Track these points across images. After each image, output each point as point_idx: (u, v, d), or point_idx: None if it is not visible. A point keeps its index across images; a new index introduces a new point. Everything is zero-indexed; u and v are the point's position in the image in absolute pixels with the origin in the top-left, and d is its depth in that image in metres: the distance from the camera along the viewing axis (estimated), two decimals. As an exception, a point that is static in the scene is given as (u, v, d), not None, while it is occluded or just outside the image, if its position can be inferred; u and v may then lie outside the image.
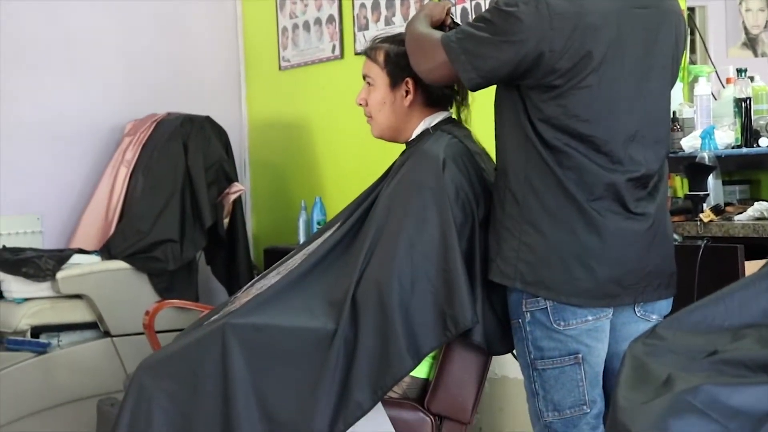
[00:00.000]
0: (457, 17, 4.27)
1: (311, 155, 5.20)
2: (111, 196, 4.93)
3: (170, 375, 2.57)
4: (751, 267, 2.78)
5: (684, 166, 3.18)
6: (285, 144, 5.39)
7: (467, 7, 4.26)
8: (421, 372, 2.62)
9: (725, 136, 3.26)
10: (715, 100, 3.50)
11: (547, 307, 2.35)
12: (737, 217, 3.00)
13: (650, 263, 2.38)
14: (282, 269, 2.76)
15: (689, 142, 3.29)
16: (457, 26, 2.55)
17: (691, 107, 3.45)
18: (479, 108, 2.75)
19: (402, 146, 2.79)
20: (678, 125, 3.38)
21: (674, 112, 3.33)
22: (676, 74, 2.47)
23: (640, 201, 2.37)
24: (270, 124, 5.50)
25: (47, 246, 4.93)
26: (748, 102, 3.24)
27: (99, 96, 5.20)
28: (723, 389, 1.36)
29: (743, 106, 3.24)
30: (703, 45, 3.89)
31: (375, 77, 2.72)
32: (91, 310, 4.49)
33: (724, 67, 3.68)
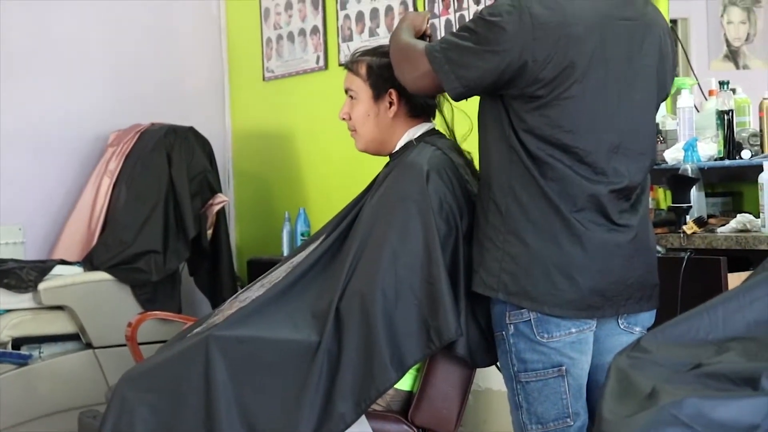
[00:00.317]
0: (441, 29, 4.28)
1: (295, 166, 5.19)
2: (94, 207, 4.91)
3: (153, 387, 2.55)
4: (733, 279, 2.79)
5: (667, 178, 3.19)
6: (269, 155, 5.38)
7: (451, 19, 4.27)
8: (404, 384, 2.62)
9: (708, 148, 3.27)
10: (698, 112, 3.51)
11: (530, 320, 2.35)
12: (720, 229, 3.01)
13: (633, 275, 2.38)
14: (266, 282, 2.76)
15: (672, 154, 3.30)
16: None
17: (674, 119, 3.47)
18: (462, 118, 2.75)
19: (386, 158, 2.79)
20: (661, 137, 3.40)
21: (657, 124, 3.34)
22: (664, 88, 2.46)
23: (623, 213, 2.37)
24: (254, 135, 5.49)
25: (29, 257, 4.91)
26: (730, 114, 3.26)
27: (83, 106, 5.19)
28: (707, 402, 1.36)
29: (726, 118, 3.26)
30: (685, 57, 3.90)
31: (358, 90, 2.72)
32: (73, 322, 4.47)
33: (707, 80, 3.70)
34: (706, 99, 3.58)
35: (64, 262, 4.68)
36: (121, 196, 4.83)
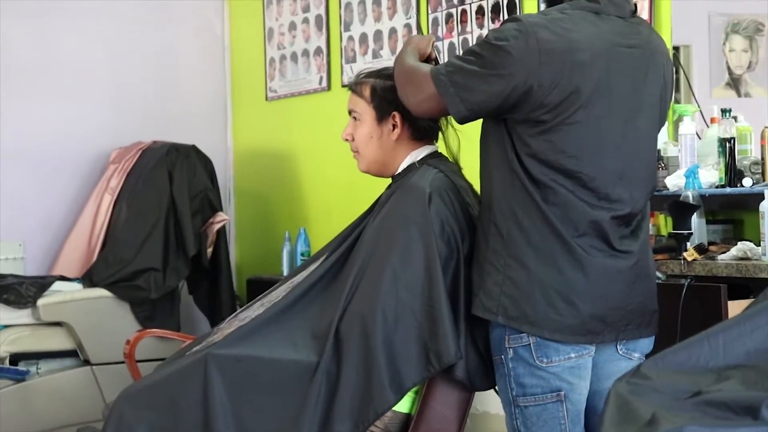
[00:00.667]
0: (445, 51, 4.29)
1: (296, 186, 5.20)
2: (94, 224, 4.91)
3: (150, 405, 2.54)
4: (734, 307, 2.79)
5: (668, 205, 3.19)
6: (270, 174, 5.39)
7: (454, 42, 4.29)
8: (403, 407, 2.61)
9: (709, 176, 3.28)
10: (699, 139, 3.52)
11: (530, 344, 2.35)
12: (720, 257, 3.01)
13: (633, 301, 2.38)
14: (266, 301, 2.75)
15: (673, 181, 3.31)
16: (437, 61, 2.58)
17: (676, 146, 3.47)
18: (465, 140, 2.75)
19: (388, 179, 2.79)
20: (662, 164, 3.40)
21: (659, 151, 3.35)
22: (664, 115, 2.48)
23: (624, 239, 2.37)
24: (256, 155, 5.50)
25: (29, 272, 4.91)
26: (732, 142, 3.27)
27: (85, 123, 5.20)
28: (707, 430, 1.36)
29: (727, 145, 3.26)
30: (687, 84, 3.91)
31: (361, 112, 2.72)
32: (72, 338, 4.47)
33: (708, 107, 3.71)
34: (708, 126, 3.59)
35: (63, 278, 4.68)
36: (121, 214, 4.84)
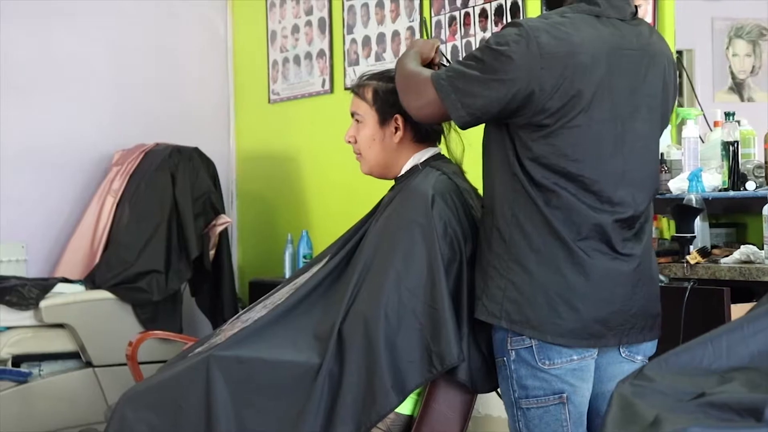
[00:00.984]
0: (447, 55, 4.29)
1: (299, 189, 5.20)
2: (97, 226, 4.92)
3: (153, 406, 2.55)
4: (737, 310, 2.79)
5: (671, 208, 3.19)
6: (273, 177, 5.39)
7: (457, 45, 4.29)
8: (405, 408, 2.61)
9: (712, 179, 3.28)
10: (703, 143, 3.52)
11: (532, 346, 2.35)
12: (723, 260, 3.01)
13: (635, 304, 2.38)
14: (269, 302, 2.76)
15: (676, 184, 3.31)
16: (447, 63, 2.56)
17: (679, 149, 3.47)
18: (467, 145, 2.75)
19: (390, 181, 2.79)
20: (666, 167, 3.40)
21: (662, 154, 3.35)
22: (666, 116, 2.48)
23: (627, 242, 2.37)
24: (258, 157, 5.50)
25: (31, 274, 4.92)
26: (735, 145, 3.26)
27: (87, 125, 5.20)
28: (710, 432, 1.35)
29: (731, 149, 3.26)
30: (691, 88, 3.91)
31: (364, 114, 2.72)
32: (74, 340, 4.47)
33: (712, 111, 3.71)
34: (711, 130, 3.59)
35: (66, 280, 4.68)
36: (124, 216, 4.84)
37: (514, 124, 2.33)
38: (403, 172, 2.72)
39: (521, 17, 3.99)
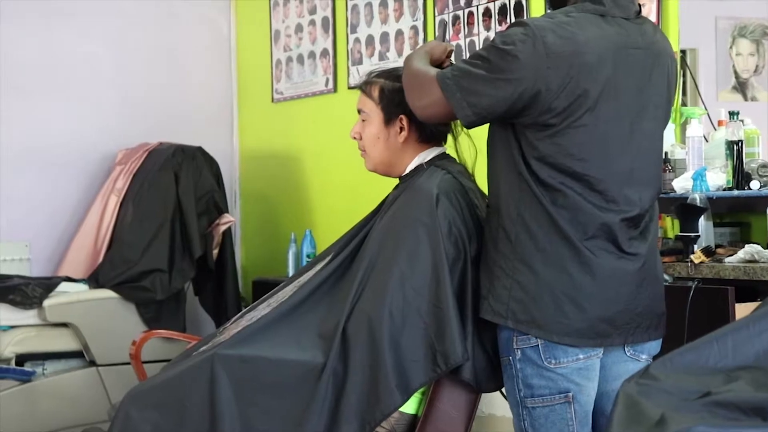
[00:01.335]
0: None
1: (302, 188, 5.20)
2: (100, 225, 4.92)
3: (157, 405, 2.55)
4: (741, 309, 2.79)
5: (675, 207, 3.19)
6: (276, 176, 5.39)
7: (461, 44, 4.29)
8: (409, 407, 2.61)
9: (717, 178, 3.27)
10: (707, 142, 3.51)
11: (538, 345, 2.34)
12: (728, 260, 3.01)
13: (641, 303, 2.38)
14: (272, 301, 2.75)
15: (681, 183, 3.30)
16: None
17: (683, 148, 3.47)
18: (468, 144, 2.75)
19: (394, 180, 2.79)
20: (670, 166, 3.40)
21: (666, 153, 3.35)
22: (669, 114, 2.48)
23: (633, 240, 2.37)
24: (261, 156, 5.51)
25: (35, 273, 4.92)
26: (740, 144, 3.26)
27: (91, 124, 5.21)
28: (716, 431, 1.35)
29: (735, 148, 3.26)
30: (695, 87, 3.91)
31: (369, 112, 2.72)
32: (77, 339, 4.47)
33: (716, 110, 3.71)
34: (715, 129, 3.59)
35: (69, 279, 4.69)
36: (127, 215, 4.84)
37: (520, 123, 2.32)
38: (407, 171, 2.72)
39: (525, 16, 3.99)
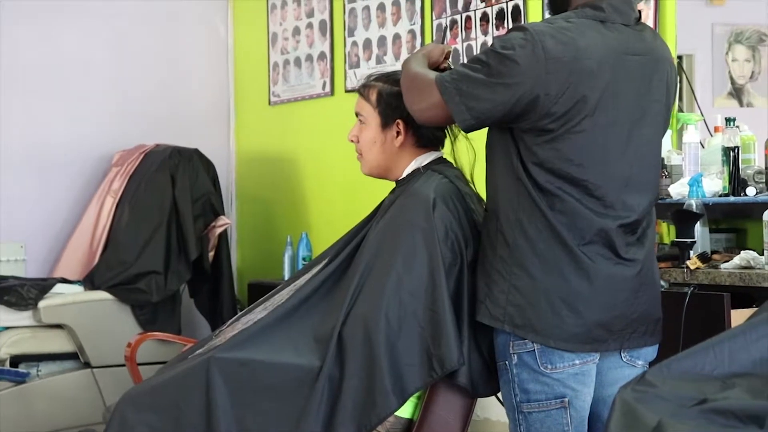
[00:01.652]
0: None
1: (298, 191, 5.20)
2: (96, 226, 4.92)
3: (153, 407, 2.54)
4: (737, 316, 2.79)
5: (671, 213, 3.20)
6: (272, 179, 5.39)
7: (459, 49, 4.29)
8: (405, 412, 2.61)
9: (713, 184, 3.28)
10: (703, 148, 3.52)
11: (534, 350, 2.35)
12: (723, 266, 3.01)
13: (638, 309, 2.38)
14: (269, 304, 2.75)
15: (677, 189, 3.31)
16: None
17: (680, 154, 3.48)
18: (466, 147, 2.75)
19: (390, 183, 2.79)
20: (666, 172, 3.41)
21: (662, 159, 3.35)
22: (667, 121, 2.48)
23: (630, 246, 2.37)
24: (258, 159, 5.51)
25: (30, 274, 4.91)
26: (736, 151, 3.27)
27: (87, 125, 5.20)
28: (713, 438, 1.36)
29: (731, 154, 3.27)
30: (691, 92, 3.92)
31: (367, 116, 2.72)
32: (72, 341, 4.47)
33: (712, 116, 3.72)
34: (711, 135, 3.60)
35: (65, 280, 4.68)
36: (123, 216, 4.84)
37: (519, 128, 2.33)
38: (404, 175, 2.72)
39: (523, 21, 3.99)
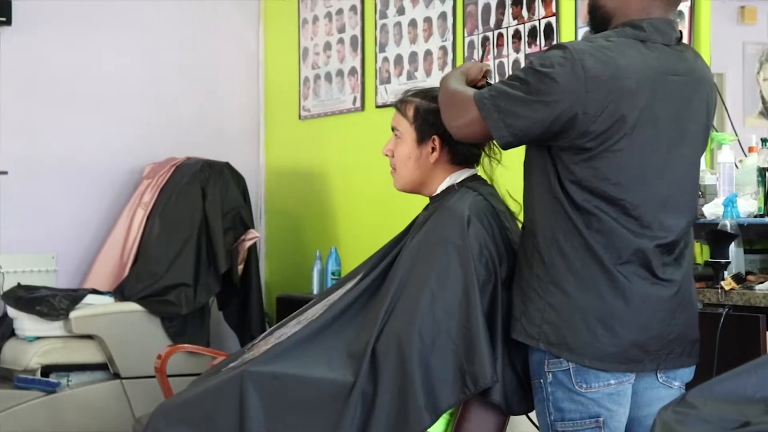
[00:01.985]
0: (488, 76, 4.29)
1: (328, 205, 5.21)
2: (127, 238, 4.94)
3: (185, 421, 2.55)
4: (772, 338, 2.77)
5: (705, 233, 3.18)
6: (302, 193, 5.41)
7: (490, 66, 4.29)
8: (437, 429, 2.60)
9: (747, 205, 3.26)
10: (737, 168, 3.50)
11: (569, 369, 2.34)
12: (759, 287, 2.99)
13: (674, 330, 2.37)
14: (302, 319, 2.76)
15: (711, 209, 3.29)
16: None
17: (714, 174, 3.46)
18: (506, 168, 2.75)
19: (421, 197, 2.79)
20: (700, 192, 3.38)
21: (698, 179, 3.34)
22: (706, 142, 2.48)
23: (667, 267, 2.36)
24: (287, 173, 5.52)
25: (61, 285, 4.95)
26: (771, 171, 3.25)
27: (119, 137, 5.25)
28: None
29: (766, 174, 3.25)
30: (726, 112, 3.90)
31: (403, 131, 2.72)
32: (102, 351, 4.49)
33: (744, 135, 3.69)
34: (746, 155, 3.58)
35: (95, 291, 4.71)
36: (154, 229, 4.87)
37: (557, 146, 2.33)
38: (438, 192, 2.72)
39: (555, 39, 3.99)
